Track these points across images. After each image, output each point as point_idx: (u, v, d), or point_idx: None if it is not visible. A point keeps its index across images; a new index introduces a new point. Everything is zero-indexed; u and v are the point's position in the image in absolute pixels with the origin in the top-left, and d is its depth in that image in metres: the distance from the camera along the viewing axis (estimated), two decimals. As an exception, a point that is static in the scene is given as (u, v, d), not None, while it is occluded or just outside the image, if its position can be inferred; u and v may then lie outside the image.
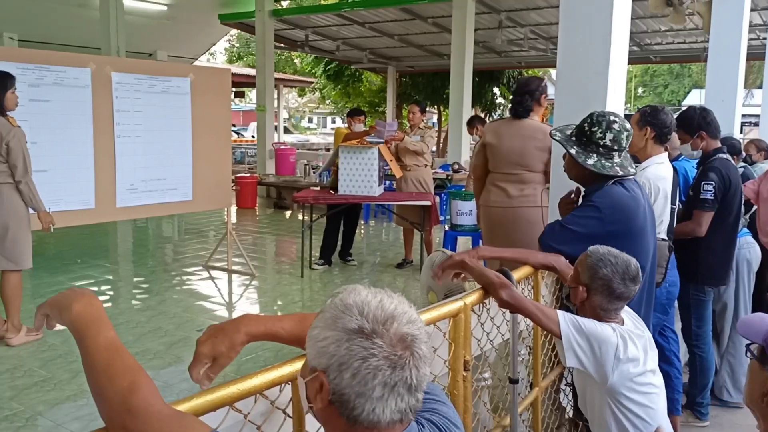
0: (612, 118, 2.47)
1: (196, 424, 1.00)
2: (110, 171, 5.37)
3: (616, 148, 2.45)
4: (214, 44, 18.72)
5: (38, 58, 4.89)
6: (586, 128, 2.49)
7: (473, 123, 7.97)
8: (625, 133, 2.46)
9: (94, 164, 5.24)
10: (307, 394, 1.02)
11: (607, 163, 2.44)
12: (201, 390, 1.22)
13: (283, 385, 1.35)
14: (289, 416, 1.40)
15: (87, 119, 5.19)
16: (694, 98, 26.02)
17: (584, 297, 2.11)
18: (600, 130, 2.45)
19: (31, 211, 4.34)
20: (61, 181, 5.03)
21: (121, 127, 5.45)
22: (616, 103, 3.51)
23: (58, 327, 1.19)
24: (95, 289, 5.95)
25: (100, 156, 5.27)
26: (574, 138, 2.53)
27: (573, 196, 2.71)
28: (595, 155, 2.45)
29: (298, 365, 1.34)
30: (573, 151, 2.48)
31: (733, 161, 3.64)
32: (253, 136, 20.88)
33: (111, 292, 6.02)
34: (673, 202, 3.07)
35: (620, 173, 2.43)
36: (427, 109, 13.31)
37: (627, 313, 2.18)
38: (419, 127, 6.80)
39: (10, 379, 3.81)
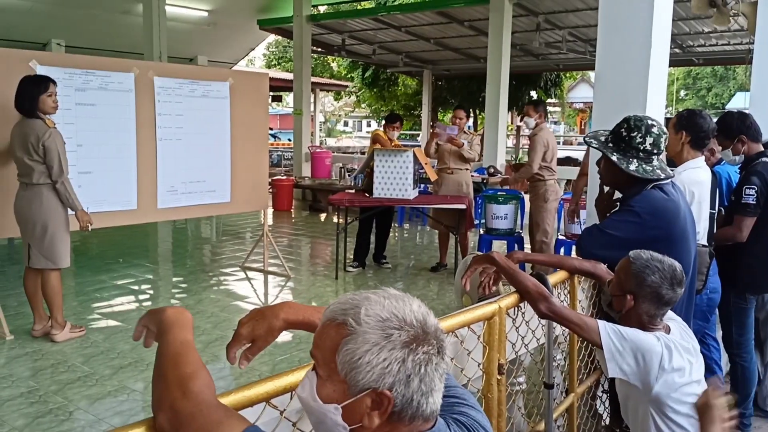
0: (650, 122, 2.44)
1: (238, 417, 1.03)
2: (152, 173, 5.49)
3: (655, 151, 2.42)
4: (253, 49, 18.98)
5: (84, 63, 5.04)
6: (624, 133, 2.46)
7: (540, 105, 6.64)
8: (664, 137, 2.45)
9: (136, 166, 5.37)
10: (349, 416, 1.00)
11: (648, 167, 2.41)
12: (238, 368, 1.27)
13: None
14: (324, 414, 1.42)
15: (130, 122, 5.32)
16: (739, 102, 25.31)
17: (631, 305, 2.05)
18: (639, 135, 2.42)
19: (70, 211, 4.46)
20: (105, 183, 5.16)
21: (163, 130, 5.57)
22: (656, 106, 3.45)
23: (99, 324, 1.25)
24: (136, 287, 6.09)
25: (142, 158, 5.40)
26: (611, 144, 2.49)
27: (608, 198, 2.67)
28: (635, 160, 2.42)
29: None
30: (614, 158, 2.44)
31: None
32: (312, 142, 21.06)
33: (151, 291, 6.15)
34: (712, 207, 3.00)
35: (662, 176, 2.40)
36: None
37: (676, 322, 2.13)
38: (465, 132, 6.75)
39: (54, 374, 3.92)
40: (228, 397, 1.20)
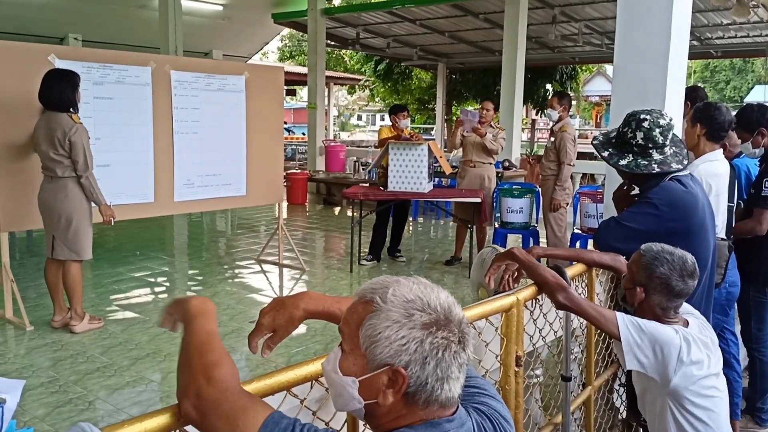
0: (642, 116, 2.42)
1: (262, 404, 1.05)
2: (168, 166, 5.53)
3: (650, 145, 2.40)
4: (267, 43, 19.02)
5: (102, 57, 5.08)
6: (621, 129, 2.50)
7: (564, 98, 6.44)
8: (658, 129, 2.39)
9: (153, 159, 5.41)
10: (366, 391, 1.03)
11: (642, 162, 2.40)
12: (254, 360, 1.29)
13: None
14: (343, 403, 1.43)
15: (147, 116, 5.36)
16: (758, 94, 24.99)
17: (642, 297, 2.05)
18: (630, 130, 2.43)
19: (93, 204, 4.51)
20: (122, 176, 5.21)
21: (179, 123, 5.61)
22: (675, 99, 3.43)
23: (117, 316, 1.28)
24: (152, 280, 6.14)
25: (159, 151, 5.44)
26: (613, 140, 2.52)
27: (625, 190, 2.66)
28: (630, 155, 2.43)
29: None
30: (605, 154, 2.48)
31: None
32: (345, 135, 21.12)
33: (167, 284, 6.20)
34: (730, 200, 2.98)
35: (656, 170, 2.37)
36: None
37: (694, 316, 2.12)
38: (491, 125, 6.71)
39: (73, 365, 3.97)
40: (249, 385, 1.21)
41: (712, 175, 2.91)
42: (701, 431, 1.96)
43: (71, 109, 4.35)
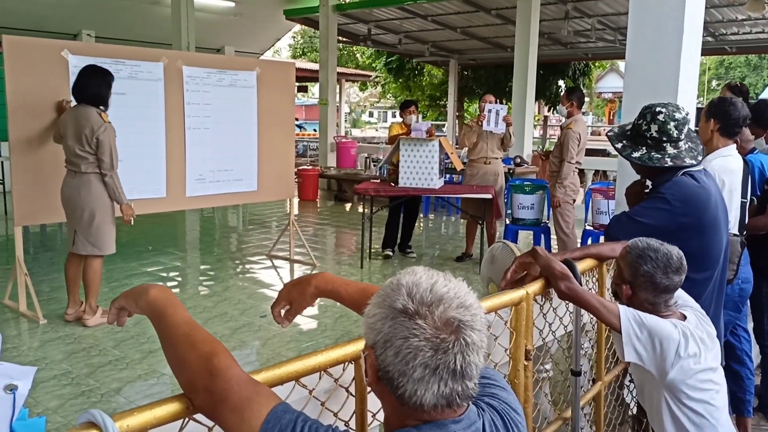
0: (658, 109, 2.41)
1: (268, 392, 1.05)
2: (180, 161, 5.56)
3: (665, 139, 2.39)
4: (279, 39, 19.05)
5: (115, 52, 5.11)
6: (635, 122, 2.49)
7: (573, 94, 6.30)
8: (673, 123, 2.38)
9: (165, 155, 5.44)
10: (367, 369, 1.04)
11: (656, 155, 2.39)
12: (264, 353, 1.28)
13: (346, 363, 1.38)
14: (351, 395, 1.44)
15: (159, 111, 5.39)
16: (773, 91, 24.72)
17: (629, 294, 2.07)
18: (645, 123, 2.43)
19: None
20: (134, 171, 5.24)
21: (191, 119, 5.64)
22: (687, 95, 3.40)
23: None
24: (164, 274, 6.18)
25: (171, 147, 5.47)
26: (628, 133, 2.51)
27: (639, 186, 2.65)
28: (643, 148, 2.41)
29: (360, 345, 1.37)
30: (619, 146, 2.48)
31: None
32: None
33: (179, 278, 6.24)
34: (743, 196, 2.95)
35: (669, 164, 2.36)
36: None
37: (692, 309, 2.12)
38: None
39: (86, 358, 4.01)
40: (258, 375, 1.21)
41: (725, 170, 2.88)
42: (697, 423, 1.96)
43: (101, 107, 4.40)
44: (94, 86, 4.36)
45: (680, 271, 2.02)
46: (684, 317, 2.05)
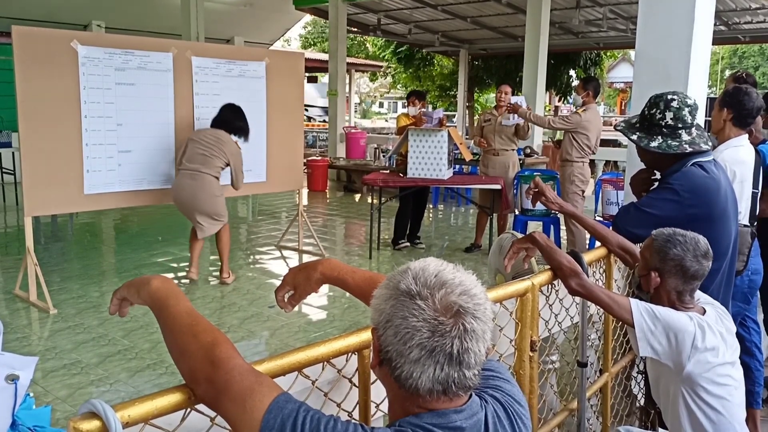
0: (670, 96, 2.40)
1: (270, 382, 1.05)
2: (189, 152, 5.56)
3: (680, 126, 2.37)
4: (289, 30, 19.01)
5: (124, 43, 5.12)
6: (646, 112, 2.47)
7: (589, 84, 6.25)
8: (687, 109, 2.38)
9: (174, 145, 5.45)
10: (374, 352, 1.06)
11: (673, 143, 2.37)
12: (272, 344, 1.28)
13: (349, 354, 1.38)
14: (355, 385, 1.44)
15: (169, 102, 5.40)
16: (788, 81, 24.41)
17: (657, 282, 2.04)
18: (659, 111, 2.40)
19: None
20: (144, 161, 5.26)
21: (200, 109, 5.64)
22: (698, 84, 3.36)
23: None
24: (174, 265, 6.21)
25: (180, 137, 5.47)
26: (637, 125, 2.48)
27: (645, 173, 2.62)
28: (659, 137, 2.39)
29: (363, 336, 1.37)
30: (634, 137, 2.46)
31: None
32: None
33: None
34: (755, 187, 2.92)
35: (688, 150, 2.34)
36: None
37: (713, 306, 2.10)
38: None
39: (96, 347, 4.04)
40: (261, 365, 1.21)
41: (736, 161, 2.85)
42: (713, 419, 1.94)
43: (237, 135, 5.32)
44: (240, 119, 5.32)
45: (708, 256, 2.00)
46: (704, 311, 2.03)
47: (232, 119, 5.28)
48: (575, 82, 18.38)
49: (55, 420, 2.31)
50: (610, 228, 2.51)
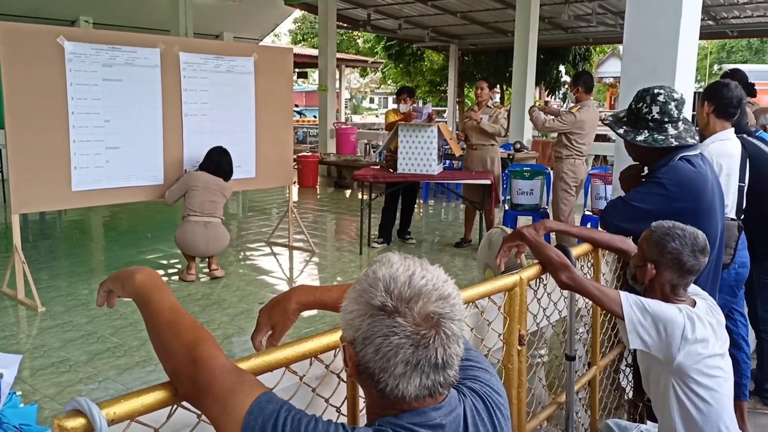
0: (656, 90, 2.41)
1: (253, 381, 1.03)
2: (178, 148, 5.55)
3: (666, 120, 2.39)
4: (278, 25, 18.92)
5: (111, 39, 5.08)
6: (633, 106, 2.48)
7: (578, 80, 6.25)
8: (673, 103, 2.39)
9: (162, 142, 5.42)
10: (346, 360, 1.04)
11: (659, 137, 2.39)
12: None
13: (337, 350, 1.38)
14: (343, 380, 1.44)
15: (156, 98, 5.37)
16: (775, 75, 24.56)
17: (653, 274, 2.04)
18: (645, 105, 2.42)
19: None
20: (132, 158, 5.23)
21: (188, 105, 5.61)
22: (685, 79, 3.37)
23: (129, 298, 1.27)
24: (164, 262, 6.19)
25: (168, 134, 5.45)
26: (624, 119, 2.49)
27: (634, 169, 2.64)
28: (646, 131, 2.41)
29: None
30: (621, 131, 2.47)
31: None
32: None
33: (179, 266, 6.22)
34: (741, 180, 2.94)
35: (675, 144, 2.36)
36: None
37: (702, 297, 2.11)
38: (488, 106, 6.67)
39: (84, 345, 4.02)
40: (247, 362, 1.21)
41: (722, 154, 2.87)
42: (703, 410, 1.95)
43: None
44: (226, 163, 5.53)
45: (705, 252, 2.01)
46: (694, 304, 2.04)
47: (228, 169, 5.58)
48: (564, 77, 18.45)
49: (43, 418, 2.30)
50: (599, 222, 2.52)
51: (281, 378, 1.30)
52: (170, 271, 5.95)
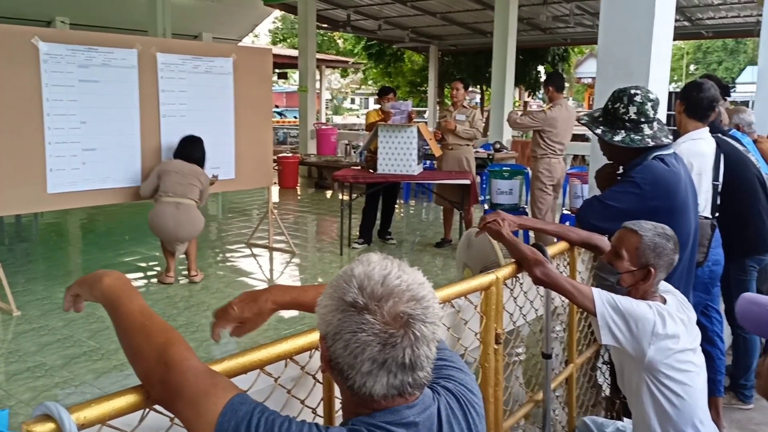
0: (633, 91, 2.44)
1: (226, 383, 1.03)
2: (156, 150, 5.50)
3: (643, 120, 2.42)
4: (257, 26, 18.82)
5: (87, 39, 5.02)
6: (610, 106, 2.50)
7: (549, 81, 6.37)
8: (650, 104, 2.43)
9: (140, 143, 5.37)
10: (322, 357, 1.04)
11: (636, 137, 2.41)
12: (240, 341, 1.27)
13: (312, 351, 1.38)
14: (319, 382, 1.44)
15: (134, 99, 5.31)
16: (748, 75, 24.99)
17: (653, 277, 2.04)
18: (622, 105, 2.44)
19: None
20: (109, 160, 5.17)
21: (166, 107, 5.56)
22: (660, 79, 3.41)
23: None
24: (143, 264, 6.13)
25: (146, 135, 5.40)
26: (600, 118, 2.52)
27: (609, 168, 2.66)
28: (622, 131, 2.43)
29: (326, 332, 1.37)
30: (599, 131, 2.49)
31: None
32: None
33: (158, 268, 6.17)
34: (715, 179, 2.99)
35: (651, 144, 2.39)
36: (470, 88, 13.14)
37: (672, 294, 2.14)
38: (463, 106, 6.71)
39: (60, 349, 3.97)
40: (221, 364, 1.20)
41: (693, 153, 2.91)
42: (677, 405, 1.98)
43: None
44: (199, 152, 5.46)
45: (677, 248, 2.05)
46: (664, 301, 2.07)
47: (200, 156, 5.49)
48: (544, 78, 18.57)
49: (17, 423, 2.27)
50: (575, 222, 2.54)
51: (255, 380, 1.29)
52: (149, 273, 5.89)
